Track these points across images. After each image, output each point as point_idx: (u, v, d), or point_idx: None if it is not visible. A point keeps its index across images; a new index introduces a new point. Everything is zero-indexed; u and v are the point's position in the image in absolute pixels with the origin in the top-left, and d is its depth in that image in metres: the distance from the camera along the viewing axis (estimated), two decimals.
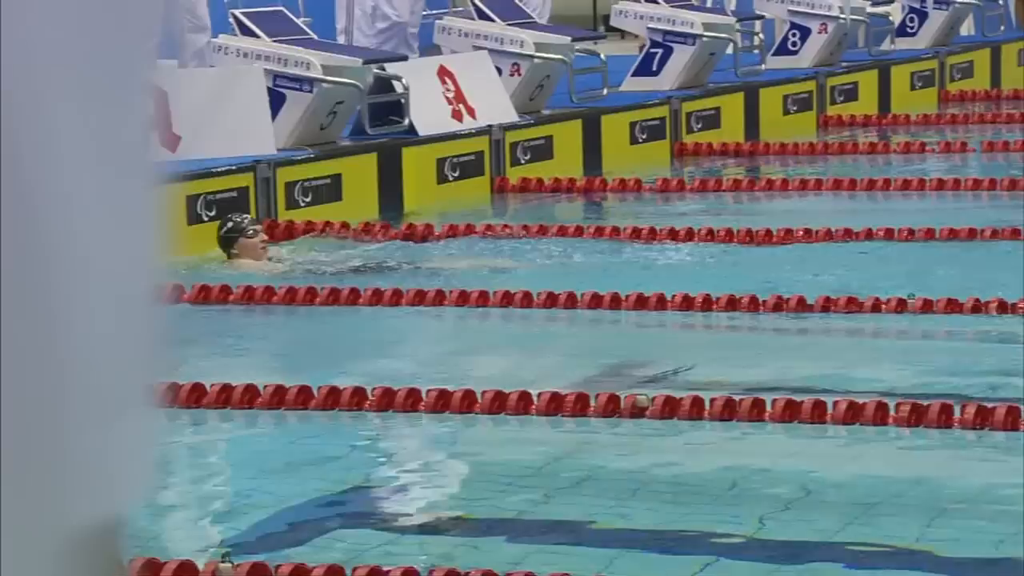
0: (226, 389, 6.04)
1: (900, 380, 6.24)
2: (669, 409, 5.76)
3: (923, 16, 15.51)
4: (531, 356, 6.92)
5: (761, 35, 13.70)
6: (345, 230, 9.36)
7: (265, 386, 6.03)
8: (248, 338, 7.44)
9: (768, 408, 5.72)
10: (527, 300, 7.49)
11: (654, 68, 12.71)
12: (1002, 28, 15.97)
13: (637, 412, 5.77)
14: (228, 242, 8.63)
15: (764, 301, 7.25)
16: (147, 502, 5.14)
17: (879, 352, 6.80)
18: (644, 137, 12.19)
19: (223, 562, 4.24)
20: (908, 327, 6.96)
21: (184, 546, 4.72)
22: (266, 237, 8.69)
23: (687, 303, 7.34)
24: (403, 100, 10.44)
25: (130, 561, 4.27)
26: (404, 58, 11.04)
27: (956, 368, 6.40)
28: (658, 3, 12.74)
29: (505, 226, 9.35)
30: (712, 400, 5.75)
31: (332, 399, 5.97)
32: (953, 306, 7.13)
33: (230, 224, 8.66)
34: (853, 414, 5.66)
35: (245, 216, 8.78)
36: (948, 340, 6.88)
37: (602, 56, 12.17)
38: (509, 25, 11.61)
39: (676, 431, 5.66)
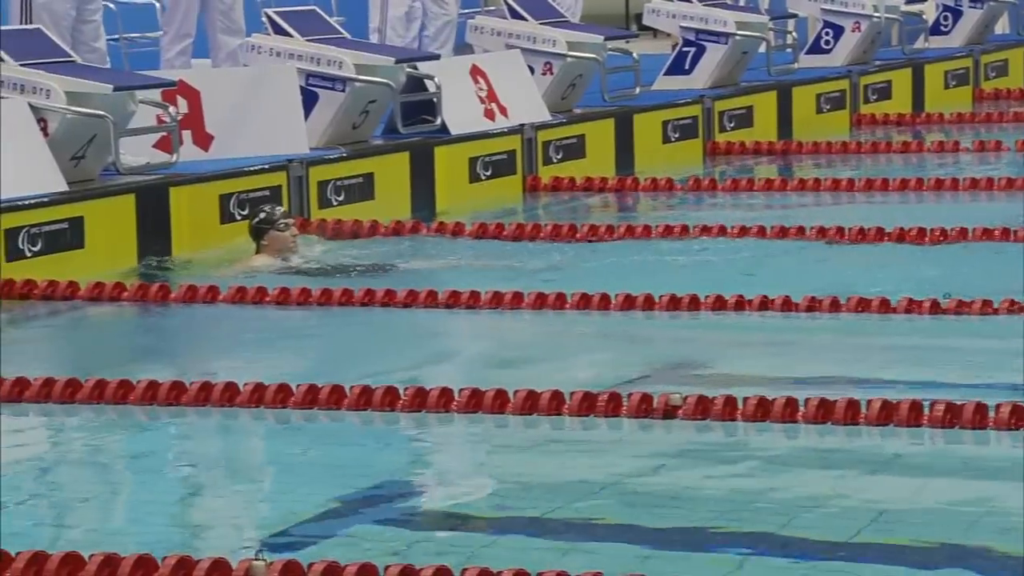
0: (259, 388, 6.06)
1: (935, 381, 6.22)
2: (702, 409, 5.76)
3: (957, 14, 15.45)
4: (564, 357, 6.92)
5: (794, 33, 13.67)
6: (375, 229, 9.38)
7: (298, 386, 6.05)
8: (281, 338, 7.45)
9: (801, 408, 5.71)
10: (560, 301, 7.49)
11: (687, 67, 12.69)
12: None
13: (670, 412, 5.76)
14: (258, 233, 8.63)
15: (797, 303, 7.23)
16: (181, 500, 5.16)
17: (913, 353, 6.78)
18: (676, 136, 12.18)
19: (256, 560, 4.25)
20: (942, 328, 6.93)
21: (217, 544, 4.73)
22: (296, 231, 8.69)
23: (720, 303, 7.33)
24: (435, 99, 10.46)
25: (164, 559, 4.29)
26: (436, 57, 11.05)
27: (991, 369, 6.37)
28: (691, 1, 12.73)
29: (535, 226, 9.35)
30: (745, 400, 5.74)
31: (365, 399, 5.98)
32: (987, 307, 7.11)
33: (262, 215, 8.66)
34: (887, 414, 5.64)
35: (278, 208, 8.77)
36: (982, 340, 6.85)
37: (635, 55, 12.16)
38: (541, 24, 11.61)
39: (709, 431, 5.66)
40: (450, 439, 5.90)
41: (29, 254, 8.26)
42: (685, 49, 12.76)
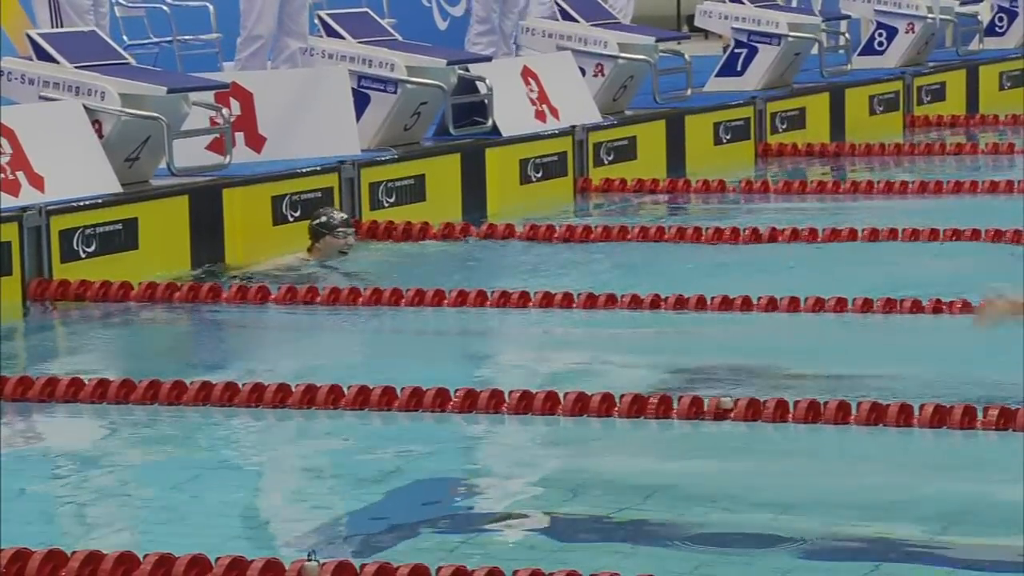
0: (310, 390, 6.08)
1: (987, 384, 6.18)
2: (753, 412, 5.74)
3: (1012, 15, 15.34)
4: (614, 358, 6.91)
5: (847, 35, 13.60)
6: (426, 232, 9.39)
7: (349, 387, 6.07)
8: (331, 339, 7.48)
9: (853, 411, 5.69)
10: (611, 302, 7.48)
11: (738, 68, 12.65)
12: None
13: (721, 415, 5.75)
14: (315, 235, 8.69)
15: (852, 302, 7.20)
16: (234, 501, 5.18)
17: (967, 355, 6.73)
18: (728, 138, 12.15)
19: (309, 560, 4.27)
20: (998, 331, 6.88)
21: (271, 544, 4.75)
22: (352, 241, 8.72)
23: (772, 305, 7.30)
24: (487, 101, 10.46)
25: (218, 560, 4.31)
26: (488, 59, 11.06)
27: None
28: (743, 3, 12.69)
29: (586, 228, 9.35)
30: (796, 403, 5.72)
31: (416, 400, 5.99)
32: None
33: (323, 219, 8.71)
34: (940, 418, 5.61)
35: (339, 214, 8.79)
36: None
37: (686, 56, 12.14)
38: (593, 26, 11.60)
39: (761, 434, 5.64)
40: (501, 440, 5.90)
41: (83, 255, 8.32)
42: (737, 50, 12.72)
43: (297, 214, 9.24)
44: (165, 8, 12.07)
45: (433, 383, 6.05)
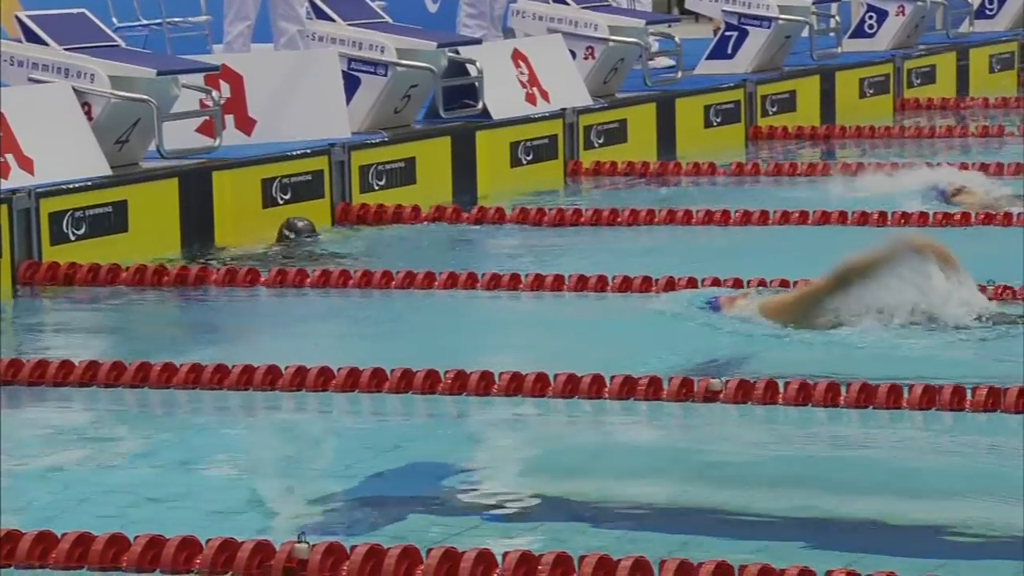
0: (300, 372, 6.08)
1: (977, 366, 6.19)
2: (743, 394, 5.74)
3: None
4: (604, 340, 6.91)
5: (838, 17, 13.59)
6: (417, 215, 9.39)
7: (339, 369, 6.07)
8: (322, 321, 7.47)
9: (843, 393, 5.70)
10: (601, 284, 7.48)
11: (729, 51, 12.65)
12: None
13: (710, 396, 5.75)
14: (281, 238, 8.81)
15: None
16: (224, 483, 5.18)
17: (954, 337, 6.74)
18: (719, 121, 12.14)
19: (299, 542, 4.27)
20: (985, 312, 6.89)
21: (260, 526, 4.75)
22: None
23: (762, 287, 7.30)
24: (477, 84, 10.45)
25: (208, 541, 4.32)
26: (478, 42, 11.05)
27: None
28: None
29: (576, 211, 9.35)
30: (787, 384, 5.73)
31: (405, 382, 5.99)
32: None
33: (288, 231, 8.82)
34: (929, 400, 5.62)
35: (304, 224, 8.87)
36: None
37: (677, 39, 12.13)
38: (583, 8, 11.59)
39: (751, 416, 5.65)
40: (491, 422, 5.90)
41: (73, 238, 8.31)
42: (728, 33, 12.71)
43: (287, 197, 9.23)
44: None
45: (423, 365, 6.05)
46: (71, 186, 8.40)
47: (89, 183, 8.49)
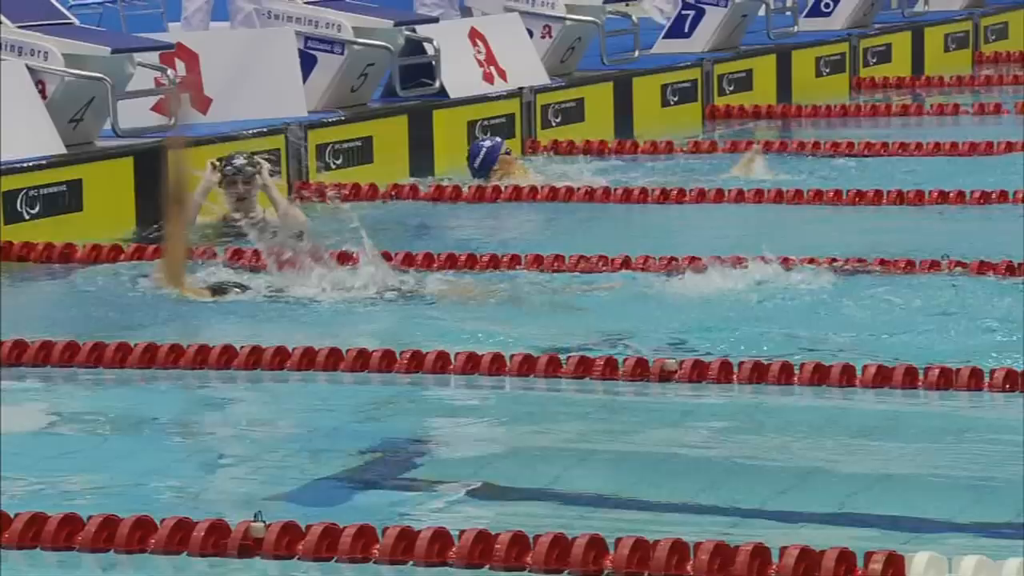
0: (256, 351, 6.07)
1: (930, 343, 6.23)
2: (697, 373, 5.77)
3: None
4: (560, 320, 6.93)
5: None
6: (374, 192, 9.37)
7: (294, 348, 6.06)
8: (279, 301, 7.45)
9: (797, 372, 5.73)
10: (559, 263, 7.49)
11: (686, 30, 12.66)
12: None
13: (665, 376, 5.78)
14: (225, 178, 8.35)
15: (795, 264, 7.24)
16: (178, 463, 5.18)
17: (909, 315, 6.78)
18: (675, 99, 12.16)
19: (255, 521, 4.27)
20: (943, 287, 6.94)
21: (216, 506, 4.75)
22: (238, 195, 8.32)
23: (720, 264, 7.32)
24: (434, 62, 10.44)
25: (163, 521, 4.31)
26: (435, 20, 11.03)
27: (995, 327, 6.38)
28: None
29: (533, 189, 9.35)
30: (741, 364, 5.76)
31: (362, 362, 5.99)
32: (986, 268, 7.12)
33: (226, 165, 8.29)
34: (881, 379, 5.65)
35: (240, 158, 8.36)
36: (982, 301, 6.85)
37: (634, 18, 12.13)
38: None
39: (705, 394, 5.67)
40: (447, 401, 5.91)
41: (27, 217, 8.26)
42: (684, 12, 12.73)
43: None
44: None
45: (379, 345, 6.05)
46: (25, 165, 8.35)
47: (43, 162, 8.44)
